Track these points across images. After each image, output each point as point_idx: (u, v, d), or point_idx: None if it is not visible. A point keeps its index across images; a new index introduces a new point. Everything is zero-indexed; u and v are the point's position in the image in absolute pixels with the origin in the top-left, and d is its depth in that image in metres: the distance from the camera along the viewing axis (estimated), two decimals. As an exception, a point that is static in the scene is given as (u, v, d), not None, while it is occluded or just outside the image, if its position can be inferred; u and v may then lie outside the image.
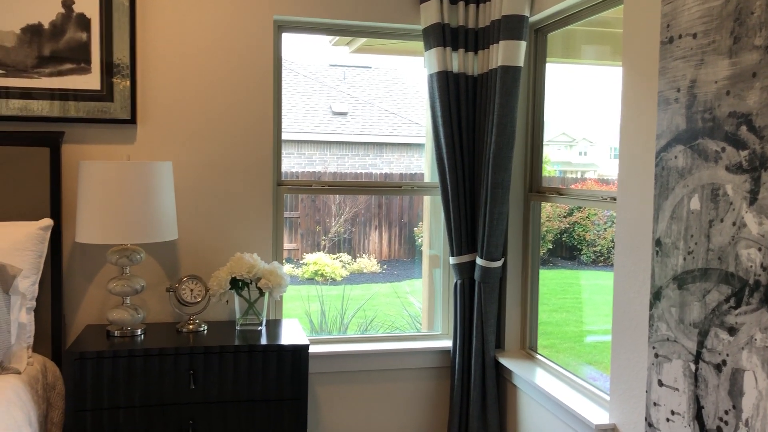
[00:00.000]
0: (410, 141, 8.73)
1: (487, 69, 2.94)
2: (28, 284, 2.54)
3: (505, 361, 3.00)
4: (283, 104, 3.13)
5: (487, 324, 3.00)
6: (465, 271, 3.04)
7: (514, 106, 2.84)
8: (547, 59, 3.03)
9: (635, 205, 2.20)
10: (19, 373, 2.41)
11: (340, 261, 7.35)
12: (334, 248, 7.54)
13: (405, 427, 3.22)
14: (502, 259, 3.01)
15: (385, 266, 7.59)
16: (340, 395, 3.15)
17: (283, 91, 3.14)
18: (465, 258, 3.03)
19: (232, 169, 2.98)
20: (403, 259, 7.78)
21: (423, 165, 3.52)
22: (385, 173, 8.58)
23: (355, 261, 7.52)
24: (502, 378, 3.08)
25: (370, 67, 9.80)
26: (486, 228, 2.93)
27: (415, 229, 7.55)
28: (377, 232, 7.71)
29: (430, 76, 3.00)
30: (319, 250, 7.48)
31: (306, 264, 7.11)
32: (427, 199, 3.48)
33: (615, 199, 2.37)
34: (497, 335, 3.11)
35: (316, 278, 7.04)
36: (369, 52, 4.44)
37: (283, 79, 3.13)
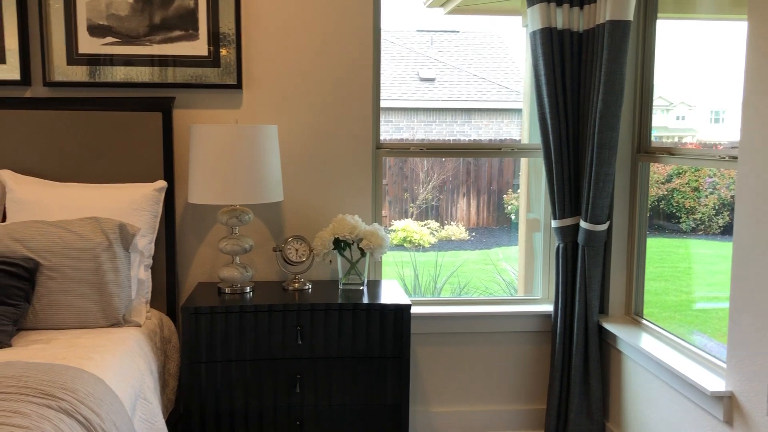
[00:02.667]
0: (500, 106, 8.57)
1: (593, 24, 2.83)
2: (145, 243, 2.68)
3: (609, 326, 2.94)
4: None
5: (591, 289, 2.93)
6: (568, 234, 2.98)
7: (623, 63, 2.73)
8: (658, 14, 2.89)
9: (759, 164, 2.08)
10: (140, 326, 2.55)
11: (428, 228, 7.36)
12: (422, 215, 7.54)
13: (504, 390, 3.22)
14: (608, 222, 2.93)
15: (474, 233, 7.54)
16: (439, 356, 3.17)
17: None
18: (568, 221, 2.97)
19: (332, 133, 3.02)
20: (491, 226, 7.70)
21: (516, 129, 3.45)
22: (474, 140, 8.48)
23: (443, 228, 7.51)
24: (605, 343, 3.02)
25: (458, 32, 9.64)
26: (591, 190, 2.85)
27: (505, 196, 7.44)
28: (465, 199, 7.65)
29: (533, 33, 2.92)
30: (407, 217, 7.51)
31: (394, 231, 7.17)
32: (524, 162, 3.42)
33: (735, 158, 2.25)
34: (601, 300, 3.04)
35: (405, 244, 7.08)
36: (463, 12, 4.36)
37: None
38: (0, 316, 2.28)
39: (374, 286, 2.97)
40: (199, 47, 2.89)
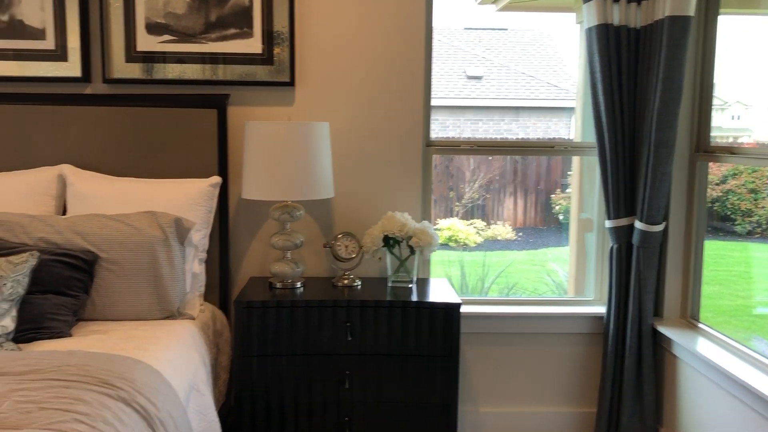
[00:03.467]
0: (549, 105, 8.46)
1: (652, 20, 2.76)
2: (200, 237, 2.73)
3: (664, 330, 2.87)
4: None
5: (645, 291, 2.87)
6: (622, 235, 2.92)
7: (682, 59, 2.66)
8: (720, 10, 2.80)
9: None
10: (193, 319, 2.60)
11: (474, 227, 7.30)
12: (468, 214, 7.50)
13: (553, 392, 3.18)
14: (664, 223, 2.86)
15: (520, 233, 7.46)
16: (487, 356, 3.15)
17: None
18: (622, 221, 2.91)
19: (383, 130, 3.02)
20: (539, 226, 7.60)
21: (564, 128, 3.39)
22: (521, 138, 8.39)
23: (488, 227, 7.44)
24: (659, 347, 2.95)
25: (507, 29, 9.55)
26: (647, 190, 2.78)
27: (552, 195, 7.34)
28: (512, 199, 7.57)
29: (588, 29, 2.87)
30: (452, 216, 7.47)
31: (440, 229, 7.14)
32: (576, 161, 3.37)
33: (802, 157, 2.17)
34: (655, 303, 2.97)
35: (450, 243, 7.05)
36: (515, 9, 4.31)
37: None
38: (61, 306, 2.35)
39: (423, 284, 2.96)
40: (253, 45, 2.93)
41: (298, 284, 2.83)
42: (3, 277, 2.20)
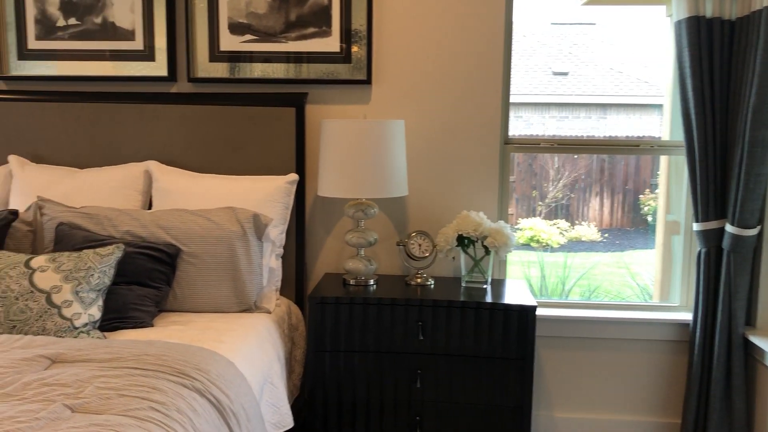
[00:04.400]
0: (637, 101, 8.14)
1: (748, 11, 2.60)
2: (277, 233, 2.78)
3: (756, 340, 2.70)
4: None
5: (736, 298, 2.71)
6: (711, 238, 2.76)
7: (781, 53, 2.49)
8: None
9: None
10: (269, 312, 2.65)
11: (557, 227, 7.12)
12: (551, 214, 7.32)
13: (634, 400, 3.05)
14: (758, 227, 2.69)
15: (606, 235, 7.22)
16: (565, 360, 3.06)
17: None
18: (712, 224, 2.75)
19: (459, 128, 2.98)
20: (626, 227, 7.33)
21: (656, 126, 3.24)
22: (609, 136, 8.12)
23: (573, 228, 7.24)
24: (751, 358, 2.77)
25: (594, 24, 9.26)
26: (740, 191, 2.63)
27: (641, 196, 7.06)
28: (598, 199, 7.33)
29: (678, 22, 2.73)
30: (534, 216, 7.31)
31: (521, 229, 7.00)
32: (664, 160, 3.22)
33: None
34: (747, 311, 2.80)
35: (532, 244, 6.90)
36: (602, 3, 4.17)
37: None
38: (144, 297, 2.45)
39: (498, 285, 2.91)
40: (331, 44, 2.95)
41: (371, 281, 2.83)
42: (91, 268, 2.31)
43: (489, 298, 2.68)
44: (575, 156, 7.04)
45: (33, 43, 3.01)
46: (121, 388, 1.78)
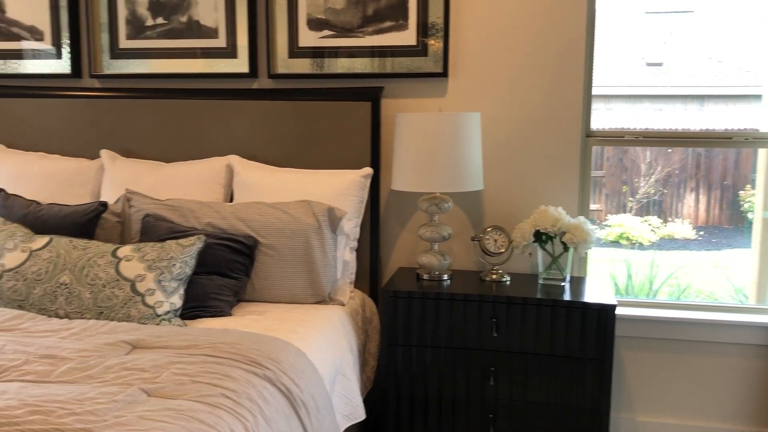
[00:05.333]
0: (739, 92, 7.68)
1: None
2: (351, 226, 2.80)
3: None
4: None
5: (840, 301, 2.51)
6: (812, 237, 2.57)
7: None
8: None
9: None
10: (343, 305, 2.67)
11: (648, 224, 6.84)
12: (642, 210, 7.03)
13: (723, 407, 2.89)
14: None
15: (701, 233, 6.86)
16: (649, 362, 2.94)
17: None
18: (813, 221, 2.56)
19: (538, 120, 2.91)
20: (723, 225, 6.95)
21: (759, 117, 3.04)
22: (706, 129, 7.71)
23: (665, 225, 6.93)
24: None
25: (692, 11, 8.81)
26: None
27: (741, 192, 6.67)
28: (693, 195, 6.98)
29: (777, 6, 2.55)
30: (624, 212, 7.05)
31: (609, 226, 6.76)
32: (763, 153, 3.02)
33: None
34: None
35: (621, 241, 6.66)
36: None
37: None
38: (223, 287, 2.53)
39: (578, 283, 2.82)
40: (407, 37, 2.94)
41: (445, 276, 2.81)
42: (173, 258, 2.40)
43: (567, 296, 2.61)
44: (669, 150, 6.72)
45: (124, 43, 3.16)
46: (195, 375, 1.84)
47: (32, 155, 3.14)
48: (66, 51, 3.21)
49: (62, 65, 3.22)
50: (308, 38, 3.02)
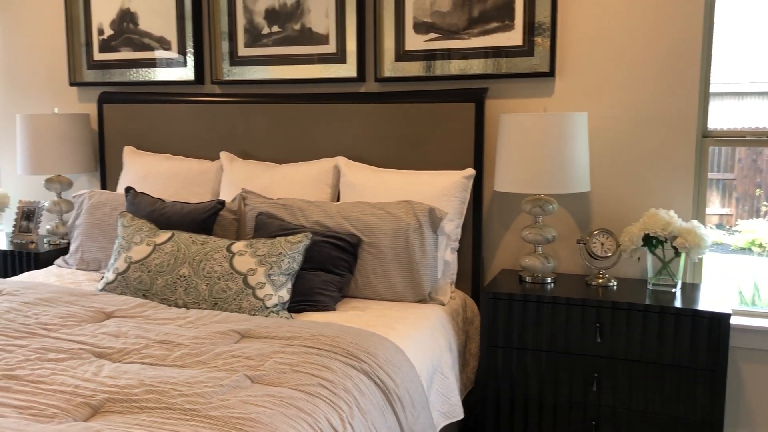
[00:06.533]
0: None
1: None
2: (452, 227, 2.82)
3: None
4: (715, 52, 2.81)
5: None
6: None
7: None
8: None
9: None
10: (443, 305, 2.70)
11: (785, 231, 6.34)
12: (778, 216, 6.53)
13: None
14: None
15: None
16: (770, 377, 2.75)
17: (714, 39, 2.82)
18: None
19: (649, 120, 2.80)
20: None
21: None
22: None
23: (802, 232, 6.40)
24: None
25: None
26: None
27: None
28: (837, 199, 6.41)
29: None
30: (758, 217, 6.59)
31: (740, 232, 6.34)
32: None
33: None
34: None
35: (752, 248, 6.23)
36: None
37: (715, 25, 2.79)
38: (328, 283, 2.63)
39: (690, 289, 2.69)
40: (514, 38, 2.92)
41: (548, 279, 2.77)
42: (282, 254, 2.53)
43: (677, 303, 2.50)
44: (808, 150, 6.21)
45: (242, 50, 3.35)
46: (296, 365, 1.94)
47: (159, 156, 3.41)
48: (190, 59, 3.45)
49: (187, 72, 3.47)
50: (414, 42, 3.07)
